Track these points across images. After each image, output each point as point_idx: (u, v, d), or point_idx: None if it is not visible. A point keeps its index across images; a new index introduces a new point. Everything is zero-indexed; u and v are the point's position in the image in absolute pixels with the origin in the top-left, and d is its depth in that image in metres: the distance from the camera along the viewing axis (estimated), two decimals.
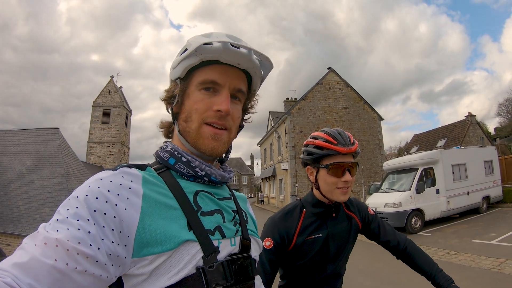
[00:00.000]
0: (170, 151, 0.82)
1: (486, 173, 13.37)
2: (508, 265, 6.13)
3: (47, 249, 0.55)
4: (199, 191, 0.79)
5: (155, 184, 0.73)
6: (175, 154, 0.81)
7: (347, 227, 1.59)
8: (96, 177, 0.68)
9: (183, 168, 0.80)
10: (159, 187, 0.73)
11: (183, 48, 0.81)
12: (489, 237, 8.75)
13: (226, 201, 0.86)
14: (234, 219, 0.84)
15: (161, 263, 0.66)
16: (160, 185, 0.74)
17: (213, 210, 0.79)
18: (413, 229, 10.69)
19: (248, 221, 0.93)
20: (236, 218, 0.85)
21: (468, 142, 26.33)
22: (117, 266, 0.62)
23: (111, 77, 41.88)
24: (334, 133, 1.46)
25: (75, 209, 0.61)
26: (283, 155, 27.45)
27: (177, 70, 0.82)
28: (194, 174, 0.80)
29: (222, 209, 0.81)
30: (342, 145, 1.42)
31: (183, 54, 0.79)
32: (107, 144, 39.11)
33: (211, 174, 0.82)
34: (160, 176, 0.77)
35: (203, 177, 0.81)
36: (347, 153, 1.42)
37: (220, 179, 0.85)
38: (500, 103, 44.74)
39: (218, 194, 0.85)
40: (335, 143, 1.42)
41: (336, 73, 27.67)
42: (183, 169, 0.80)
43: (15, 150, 20.06)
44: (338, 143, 1.42)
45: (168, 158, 0.81)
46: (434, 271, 1.49)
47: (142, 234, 0.65)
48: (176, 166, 0.80)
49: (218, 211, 0.80)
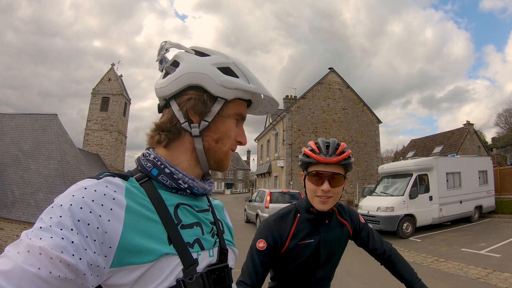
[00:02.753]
0: (152, 160, 0.81)
1: (480, 183, 13.48)
2: (495, 275, 6.22)
3: (30, 257, 0.56)
4: (180, 204, 0.81)
5: (137, 195, 0.74)
6: (158, 164, 0.81)
7: (339, 233, 1.63)
8: (80, 185, 0.68)
9: (166, 180, 0.80)
10: (141, 199, 0.74)
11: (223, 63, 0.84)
12: (479, 246, 8.85)
13: (205, 213, 0.88)
14: (212, 230, 0.86)
15: (142, 274, 0.68)
16: (142, 197, 0.75)
17: (192, 223, 0.81)
18: (404, 234, 10.80)
19: (225, 230, 0.96)
20: (214, 229, 0.88)
21: (465, 150, 26.47)
22: (95, 276, 0.63)
23: (112, 65, 41.58)
24: (321, 143, 1.50)
25: (59, 218, 0.61)
26: (280, 152, 27.46)
27: (226, 93, 0.83)
28: (176, 186, 0.81)
29: (201, 221, 0.84)
30: (323, 155, 1.46)
31: (249, 85, 0.85)
32: (104, 132, 38.94)
33: (193, 187, 0.83)
34: (142, 187, 0.77)
35: (186, 189, 0.82)
36: (327, 163, 1.45)
37: (202, 192, 0.86)
38: (499, 113, 44.83)
39: (198, 206, 0.87)
40: (317, 152, 1.48)
41: (337, 73, 27.65)
42: (165, 181, 0.80)
43: (12, 135, 19.99)
44: (320, 153, 1.47)
45: (151, 169, 0.81)
46: (413, 280, 1.58)
47: (123, 245, 0.66)
48: (158, 177, 0.80)
49: (197, 223, 0.82)
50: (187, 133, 0.84)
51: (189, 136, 0.84)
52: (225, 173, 77.77)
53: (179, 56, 0.85)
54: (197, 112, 0.82)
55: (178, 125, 0.84)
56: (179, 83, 0.81)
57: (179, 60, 0.84)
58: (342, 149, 1.49)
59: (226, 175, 78.22)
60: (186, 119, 0.83)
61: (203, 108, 0.82)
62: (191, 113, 0.82)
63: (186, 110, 0.82)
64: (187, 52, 0.85)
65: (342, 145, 1.51)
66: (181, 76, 0.81)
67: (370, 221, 11.20)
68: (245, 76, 0.85)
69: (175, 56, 0.86)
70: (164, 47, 0.85)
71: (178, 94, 0.83)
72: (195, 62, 0.83)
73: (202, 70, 0.81)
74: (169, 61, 0.86)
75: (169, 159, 0.83)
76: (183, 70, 0.82)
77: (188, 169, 0.85)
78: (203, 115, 0.83)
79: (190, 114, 0.82)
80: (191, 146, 0.85)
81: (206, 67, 0.82)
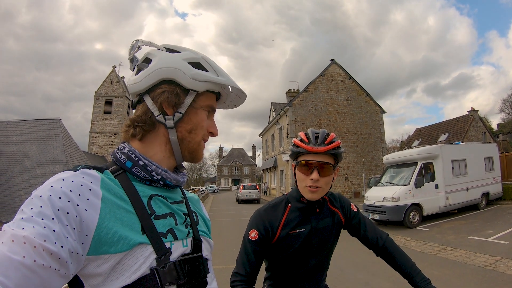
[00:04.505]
0: (127, 153, 0.84)
1: (486, 170, 13.34)
2: (503, 263, 6.15)
3: (14, 246, 0.57)
4: (154, 195, 0.84)
5: (112, 187, 0.76)
6: (132, 157, 0.84)
7: (330, 222, 1.63)
8: (57, 177, 0.71)
9: (140, 172, 0.83)
10: (116, 190, 0.76)
11: (193, 59, 0.88)
12: (486, 234, 8.77)
13: (178, 205, 0.90)
14: (185, 221, 0.89)
15: (117, 263, 0.70)
16: (117, 188, 0.77)
17: (166, 213, 0.83)
18: (411, 223, 10.74)
19: (199, 222, 0.98)
20: (187, 220, 0.90)
21: (470, 137, 26.26)
22: (75, 263, 0.65)
23: (113, 67, 41.87)
24: (311, 133, 1.52)
25: (39, 208, 0.63)
26: (284, 146, 27.48)
27: (198, 85, 0.88)
28: (150, 178, 0.84)
29: (174, 212, 0.86)
30: (312, 144, 1.48)
31: (218, 78, 0.90)
32: (109, 134, 39.33)
33: (166, 178, 0.86)
34: (117, 179, 0.80)
35: (159, 181, 0.85)
36: (316, 152, 1.47)
37: (175, 183, 0.89)
38: (504, 99, 44.26)
39: (171, 197, 0.89)
40: (306, 142, 1.50)
41: (339, 65, 27.55)
42: (139, 172, 0.83)
43: (17, 141, 20.23)
44: (309, 143, 1.49)
45: (126, 161, 0.83)
46: (412, 271, 1.52)
47: (99, 234, 0.68)
48: (132, 169, 0.83)
49: (170, 214, 0.85)
50: (162, 125, 0.87)
51: (163, 128, 0.88)
52: (231, 169, 78.00)
53: (150, 53, 0.89)
54: (170, 105, 0.86)
55: (152, 118, 0.87)
56: (152, 77, 0.85)
57: (151, 57, 0.88)
58: (331, 139, 1.51)
59: (232, 172, 78.40)
60: (161, 112, 0.86)
61: (177, 100, 0.86)
62: (165, 105, 0.86)
63: (160, 102, 0.85)
64: (158, 49, 0.89)
65: (332, 135, 1.52)
66: (154, 71, 0.85)
67: (377, 211, 11.19)
68: (214, 70, 0.90)
69: (146, 53, 0.90)
70: (135, 45, 0.90)
71: (151, 89, 0.86)
72: (166, 58, 0.87)
73: (174, 65, 0.86)
74: (140, 59, 0.90)
75: (143, 152, 0.87)
76: (156, 65, 0.85)
77: (162, 160, 0.88)
78: (176, 107, 0.87)
79: (164, 106, 0.86)
80: (165, 138, 0.88)
81: (177, 62, 0.86)
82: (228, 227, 13.29)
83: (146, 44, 0.90)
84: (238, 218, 16.25)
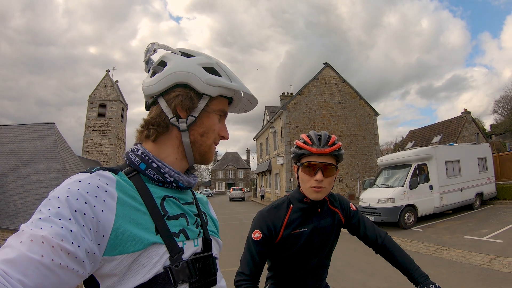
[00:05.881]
0: (141, 155, 0.86)
1: (480, 170, 13.50)
2: (498, 261, 6.24)
3: (33, 246, 0.59)
4: (166, 196, 0.86)
5: (127, 188, 0.78)
6: (146, 159, 0.86)
7: (331, 222, 1.67)
8: (74, 178, 0.73)
9: (153, 174, 0.85)
10: (130, 191, 0.79)
11: (207, 64, 0.91)
12: (481, 233, 8.88)
13: (189, 206, 0.93)
14: (196, 222, 0.91)
15: (132, 262, 0.72)
16: (131, 190, 0.79)
17: (178, 214, 0.86)
18: (406, 224, 10.83)
19: (208, 222, 1.01)
20: (198, 221, 0.93)
21: (464, 138, 26.53)
22: (91, 263, 0.67)
23: (107, 71, 41.65)
24: (314, 135, 1.57)
25: (57, 209, 0.65)
26: (279, 149, 27.51)
27: (211, 90, 0.90)
28: (163, 179, 0.86)
29: (186, 213, 0.89)
30: (316, 146, 1.53)
31: (231, 83, 0.92)
32: (103, 138, 39.00)
33: (179, 181, 0.88)
34: (131, 181, 0.82)
35: (172, 183, 0.88)
36: (321, 154, 1.51)
37: (187, 185, 0.92)
38: (496, 100, 44.74)
39: (183, 199, 0.92)
40: (310, 143, 1.54)
41: (333, 68, 27.70)
42: (153, 174, 0.85)
43: (11, 145, 20.00)
44: (312, 144, 1.54)
45: (139, 163, 0.85)
46: (411, 267, 1.56)
47: (115, 235, 0.70)
48: (146, 171, 0.85)
49: (182, 215, 0.87)
50: (175, 127, 0.89)
51: (176, 130, 0.90)
52: (226, 173, 77.76)
53: (166, 56, 0.91)
54: (184, 108, 0.88)
55: (166, 120, 0.89)
56: (167, 81, 0.87)
57: (167, 60, 0.90)
58: (333, 140, 1.56)
59: (227, 176, 78.19)
60: (174, 115, 0.88)
61: (190, 104, 0.88)
62: (179, 108, 0.88)
63: (175, 106, 0.87)
64: (174, 53, 0.91)
65: (333, 137, 1.58)
66: (169, 74, 0.87)
67: (372, 213, 11.23)
68: (227, 75, 0.93)
69: (162, 57, 0.92)
70: (151, 48, 0.91)
71: (166, 91, 0.88)
72: (182, 62, 0.88)
73: (189, 69, 0.87)
74: (156, 61, 0.92)
75: (156, 154, 0.89)
76: (171, 69, 0.87)
77: (175, 162, 0.91)
78: (190, 111, 0.89)
79: (178, 109, 0.88)
80: (177, 140, 0.90)
81: (192, 67, 0.88)
82: (225, 230, 13.24)
83: (161, 48, 0.91)
84: (234, 222, 16.32)
